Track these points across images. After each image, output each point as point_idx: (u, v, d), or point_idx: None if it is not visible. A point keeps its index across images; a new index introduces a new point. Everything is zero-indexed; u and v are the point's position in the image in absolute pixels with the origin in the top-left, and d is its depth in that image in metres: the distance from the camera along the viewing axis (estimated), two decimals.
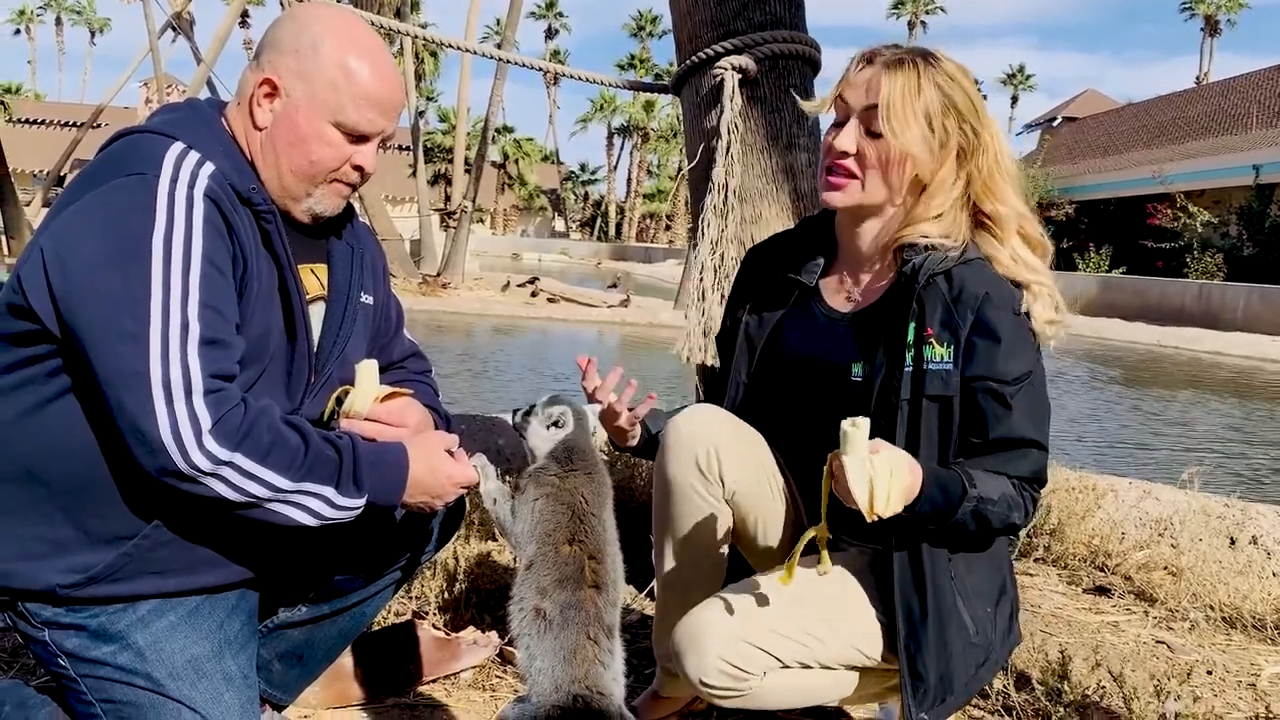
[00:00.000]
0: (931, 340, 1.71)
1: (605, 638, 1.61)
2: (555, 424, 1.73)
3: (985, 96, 1.83)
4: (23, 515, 1.52)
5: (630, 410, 1.88)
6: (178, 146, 1.52)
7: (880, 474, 1.50)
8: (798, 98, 2.71)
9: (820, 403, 1.65)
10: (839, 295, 1.90)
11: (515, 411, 1.80)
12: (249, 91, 1.62)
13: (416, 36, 3.93)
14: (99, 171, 1.52)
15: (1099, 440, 7.98)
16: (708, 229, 2.76)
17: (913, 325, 1.73)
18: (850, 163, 1.77)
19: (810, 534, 1.64)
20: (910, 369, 1.72)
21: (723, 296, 2.72)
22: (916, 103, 1.72)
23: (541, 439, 1.74)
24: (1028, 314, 1.74)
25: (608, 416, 1.90)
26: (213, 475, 1.43)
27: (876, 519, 1.52)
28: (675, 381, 9.95)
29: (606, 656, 1.61)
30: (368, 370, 1.69)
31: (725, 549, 1.96)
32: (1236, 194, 25.57)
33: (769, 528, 1.95)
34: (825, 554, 1.66)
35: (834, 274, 1.92)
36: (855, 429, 1.51)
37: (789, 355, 1.89)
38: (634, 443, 1.98)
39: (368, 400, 1.68)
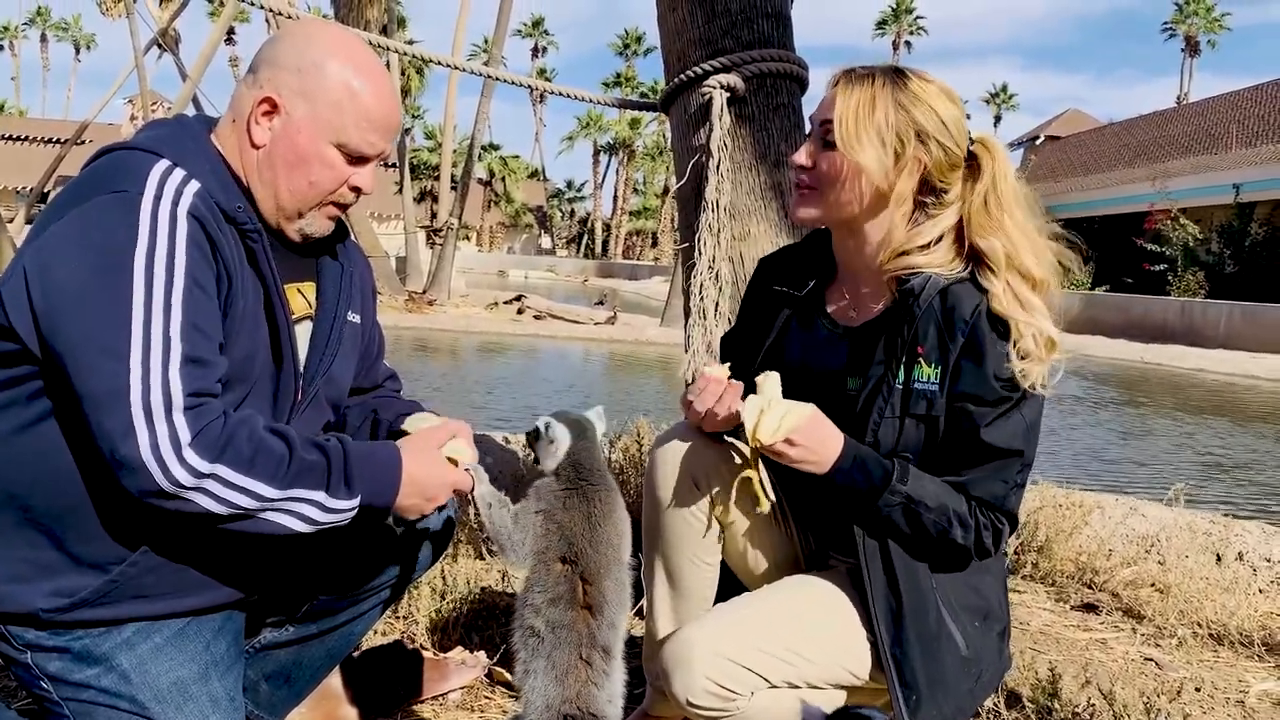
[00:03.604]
0: (921, 360, 1.72)
1: (601, 660, 1.60)
2: (553, 440, 1.72)
3: (969, 116, 1.81)
4: (7, 538, 1.49)
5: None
6: (162, 164, 1.50)
7: (775, 409, 1.64)
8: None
9: None
10: (840, 310, 1.90)
11: (526, 436, 1.78)
12: (246, 109, 1.60)
13: (404, 53, 3.93)
14: (83, 188, 1.50)
15: (1082, 456, 8.01)
16: (704, 248, 2.77)
17: (905, 344, 1.73)
18: (808, 176, 1.79)
19: (742, 475, 1.73)
20: (900, 387, 1.73)
21: (719, 312, 2.74)
22: (871, 117, 1.71)
23: (551, 458, 1.73)
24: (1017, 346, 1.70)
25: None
26: (196, 489, 1.39)
27: (759, 445, 1.63)
28: (662, 397, 9.95)
29: (600, 678, 1.59)
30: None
31: (715, 566, 1.95)
32: (1217, 212, 25.81)
33: (759, 544, 1.95)
34: (761, 494, 1.73)
35: (836, 289, 1.93)
36: (766, 379, 1.69)
37: (791, 366, 1.88)
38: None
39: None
